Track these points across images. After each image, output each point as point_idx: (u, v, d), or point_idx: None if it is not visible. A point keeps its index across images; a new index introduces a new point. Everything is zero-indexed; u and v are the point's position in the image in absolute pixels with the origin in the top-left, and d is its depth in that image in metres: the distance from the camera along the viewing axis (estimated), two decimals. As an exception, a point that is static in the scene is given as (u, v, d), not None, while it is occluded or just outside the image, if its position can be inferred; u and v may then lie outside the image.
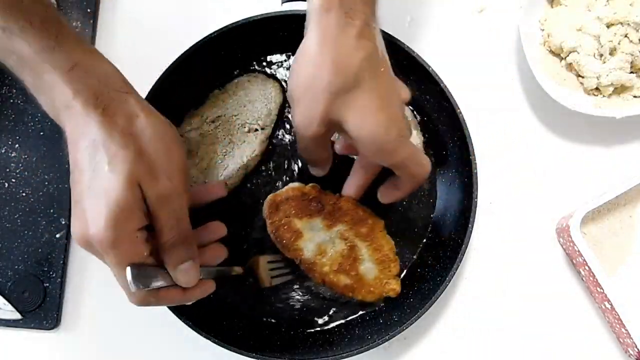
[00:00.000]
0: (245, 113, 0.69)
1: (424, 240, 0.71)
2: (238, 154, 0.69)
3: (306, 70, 0.50)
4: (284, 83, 0.72)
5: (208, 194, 0.58)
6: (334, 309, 0.69)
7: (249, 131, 0.69)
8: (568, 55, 0.72)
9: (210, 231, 0.57)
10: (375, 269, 0.66)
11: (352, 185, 0.63)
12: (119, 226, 0.42)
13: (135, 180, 0.43)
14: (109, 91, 0.44)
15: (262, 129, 0.70)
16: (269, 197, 0.67)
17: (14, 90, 0.74)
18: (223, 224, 0.59)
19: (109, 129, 0.43)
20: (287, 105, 0.72)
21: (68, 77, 0.43)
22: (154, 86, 0.66)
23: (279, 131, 0.72)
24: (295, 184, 0.67)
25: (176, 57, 0.66)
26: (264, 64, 0.73)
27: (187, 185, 0.48)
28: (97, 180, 0.43)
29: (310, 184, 0.67)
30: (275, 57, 0.73)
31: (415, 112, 0.72)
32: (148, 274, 0.47)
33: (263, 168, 0.71)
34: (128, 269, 0.45)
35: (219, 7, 0.76)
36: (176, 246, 0.47)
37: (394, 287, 0.66)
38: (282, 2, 0.69)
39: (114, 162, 0.42)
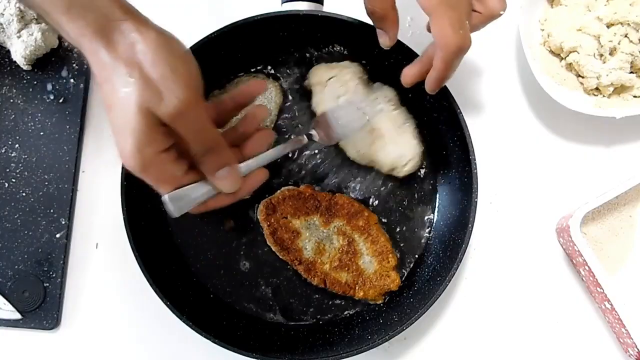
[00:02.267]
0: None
1: (424, 240, 0.71)
2: (238, 154, 0.69)
3: None
4: (285, 83, 0.72)
5: (249, 94, 0.56)
6: (333, 308, 0.69)
7: None
8: (568, 55, 0.72)
9: (250, 119, 0.56)
10: (374, 262, 0.67)
11: (411, 69, 0.61)
12: (142, 153, 0.45)
13: (144, 107, 0.44)
14: (108, 22, 0.45)
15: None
16: (264, 200, 0.68)
17: (14, 90, 0.74)
18: (264, 105, 0.58)
19: (115, 61, 0.44)
20: (286, 105, 0.72)
21: (68, 17, 0.44)
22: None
23: (279, 130, 0.72)
24: (289, 187, 0.68)
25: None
26: (264, 64, 0.73)
27: (199, 96, 0.48)
28: (118, 110, 0.45)
29: (303, 185, 0.68)
30: (275, 57, 0.73)
31: (414, 116, 0.71)
32: (187, 197, 0.48)
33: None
34: (165, 198, 0.47)
35: (219, 7, 0.76)
36: (207, 155, 0.48)
37: (393, 279, 0.67)
38: (282, 2, 0.69)
39: (124, 94, 0.44)
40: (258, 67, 0.72)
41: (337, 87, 0.69)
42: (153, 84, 0.44)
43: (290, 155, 0.71)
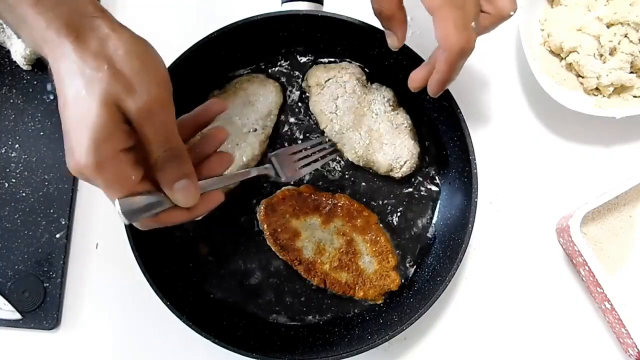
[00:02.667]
0: (245, 113, 0.69)
1: (424, 241, 0.71)
2: (238, 154, 0.69)
3: None
4: (285, 83, 0.72)
5: (209, 113, 0.54)
6: (333, 308, 0.69)
7: (249, 131, 0.69)
8: (568, 55, 0.72)
9: (209, 140, 0.53)
10: (374, 262, 0.67)
11: (418, 72, 0.60)
12: (99, 149, 0.42)
13: (110, 100, 0.42)
14: (79, 17, 0.44)
15: (263, 129, 0.70)
16: (264, 201, 0.68)
17: (14, 90, 0.74)
18: (223, 127, 0.55)
19: (82, 54, 0.42)
20: (286, 105, 0.72)
21: (37, 9, 0.43)
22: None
23: (279, 131, 0.72)
24: (289, 187, 0.68)
25: (176, 57, 0.66)
26: (264, 64, 0.73)
27: (169, 98, 0.46)
28: (77, 106, 0.42)
29: (303, 185, 0.68)
30: (275, 57, 0.73)
31: (413, 117, 0.71)
32: (140, 204, 0.45)
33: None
34: (116, 203, 0.44)
35: (219, 7, 0.76)
36: (168, 163, 0.45)
37: (393, 279, 0.67)
38: (282, 2, 0.69)
39: (89, 86, 0.42)
40: (258, 67, 0.72)
41: (335, 89, 0.69)
42: (123, 77, 0.43)
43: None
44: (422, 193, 0.71)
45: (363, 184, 0.71)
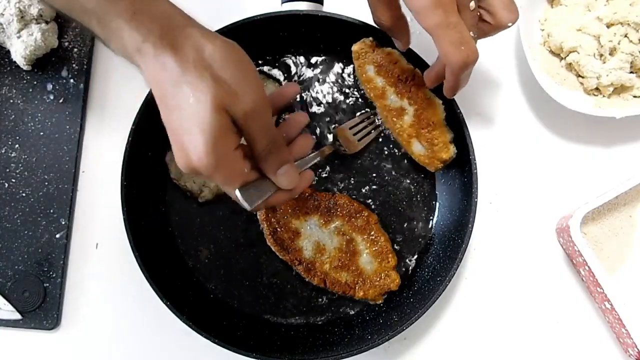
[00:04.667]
0: None
1: (424, 240, 0.71)
2: (238, 154, 0.69)
3: None
4: (283, 82, 0.72)
5: (285, 97, 0.58)
6: (333, 308, 0.69)
7: None
8: (568, 55, 0.72)
9: (293, 124, 0.57)
10: (374, 261, 0.67)
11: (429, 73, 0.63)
12: (217, 150, 0.45)
13: (219, 104, 0.45)
14: (173, 29, 0.46)
15: (262, 128, 0.70)
16: None
17: (14, 91, 0.74)
18: (304, 112, 0.60)
19: (182, 65, 0.45)
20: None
21: (133, 24, 0.45)
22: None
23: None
24: None
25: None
26: (264, 64, 0.73)
27: (266, 97, 0.49)
28: (187, 113, 0.45)
29: None
30: (275, 57, 0.73)
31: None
32: (255, 191, 0.50)
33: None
34: (238, 193, 0.49)
35: (219, 7, 0.76)
36: (271, 154, 0.50)
37: (393, 279, 0.67)
38: (282, 2, 0.69)
39: (196, 95, 0.44)
40: (258, 68, 0.73)
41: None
42: (226, 84, 0.45)
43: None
44: (422, 193, 0.71)
45: (363, 183, 0.71)
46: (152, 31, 0.45)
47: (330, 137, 0.72)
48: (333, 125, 0.72)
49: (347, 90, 0.72)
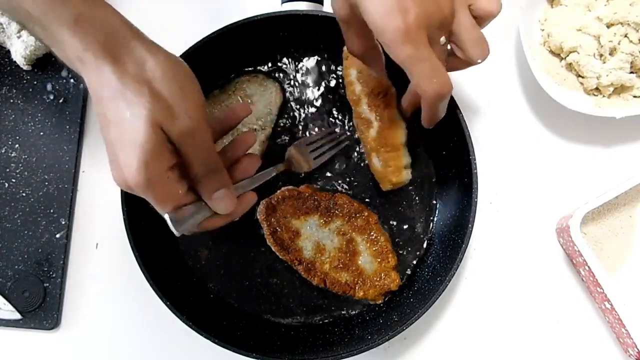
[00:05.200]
0: None
1: (424, 241, 0.71)
2: (238, 154, 0.69)
3: None
4: (285, 83, 0.72)
5: (236, 116, 0.58)
6: (333, 308, 0.69)
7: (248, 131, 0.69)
8: (568, 55, 0.72)
9: (239, 144, 0.57)
10: (374, 262, 0.67)
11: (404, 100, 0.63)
12: (149, 169, 0.44)
13: (155, 123, 0.44)
14: (116, 40, 0.45)
15: (263, 129, 0.70)
16: (264, 200, 0.68)
17: (14, 91, 0.74)
18: (251, 132, 0.60)
19: (122, 78, 0.44)
20: (286, 106, 0.72)
21: (74, 31, 0.44)
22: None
23: (278, 131, 0.72)
24: (289, 187, 0.68)
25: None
26: (264, 64, 0.73)
27: (206, 117, 0.49)
28: (122, 128, 0.44)
29: (303, 185, 0.68)
30: (275, 57, 0.73)
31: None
32: (187, 215, 0.49)
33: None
34: (166, 217, 0.48)
35: (219, 7, 0.76)
36: (207, 177, 0.49)
37: (393, 279, 0.67)
38: (282, 2, 0.69)
39: (133, 110, 0.44)
40: (258, 67, 0.73)
41: None
42: (164, 101, 0.45)
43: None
44: (422, 193, 0.71)
45: (363, 183, 0.71)
46: (94, 41, 0.44)
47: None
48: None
49: (341, 92, 0.72)
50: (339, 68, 0.73)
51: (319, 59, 0.73)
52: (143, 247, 0.64)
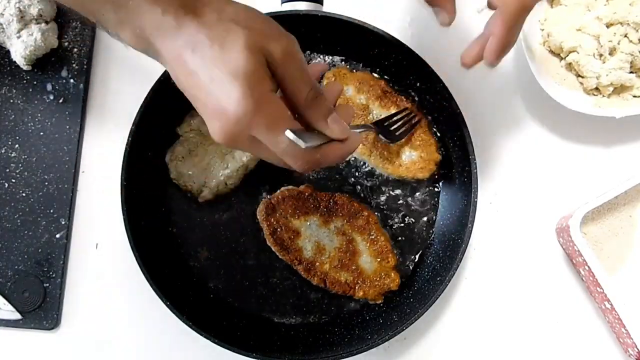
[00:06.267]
0: None
1: (424, 240, 0.70)
2: (238, 154, 0.69)
3: None
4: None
5: (314, 72, 0.55)
6: (333, 308, 0.69)
7: None
8: (568, 55, 0.72)
9: (330, 93, 0.53)
10: (374, 261, 0.67)
11: (474, 46, 0.56)
12: (255, 91, 0.42)
13: (253, 45, 0.43)
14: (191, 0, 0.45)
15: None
16: (264, 200, 0.68)
17: (14, 91, 0.74)
18: (336, 82, 0.58)
19: (207, 26, 0.43)
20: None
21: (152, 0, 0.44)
22: (153, 87, 0.66)
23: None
24: (289, 187, 0.68)
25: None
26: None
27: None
28: (218, 67, 0.43)
29: (303, 185, 0.68)
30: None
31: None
32: (304, 134, 0.45)
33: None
34: (288, 131, 0.44)
35: (219, 7, 0.76)
36: (316, 101, 0.47)
37: (393, 279, 0.67)
38: (282, 2, 0.69)
39: (226, 45, 0.42)
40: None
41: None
42: (257, 29, 0.44)
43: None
44: (422, 193, 0.71)
45: (363, 183, 0.71)
46: (171, 2, 0.43)
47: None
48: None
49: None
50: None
51: (319, 59, 0.73)
52: (143, 247, 0.64)
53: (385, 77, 0.72)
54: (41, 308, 0.70)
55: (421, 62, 0.67)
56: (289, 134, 0.44)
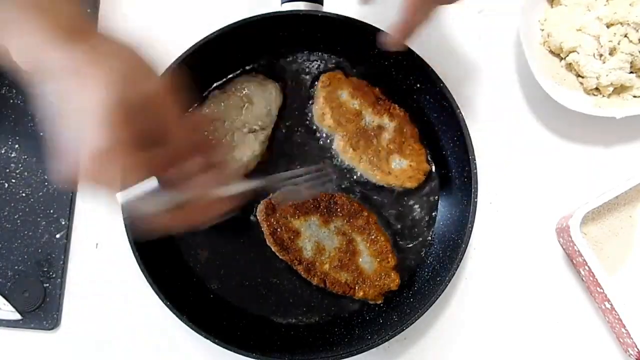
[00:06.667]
0: (245, 113, 0.69)
1: (424, 241, 0.70)
2: (238, 154, 0.69)
3: None
4: (283, 83, 0.72)
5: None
6: (333, 308, 0.69)
7: (249, 132, 0.69)
8: (568, 55, 0.72)
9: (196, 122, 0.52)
10: (374, 261, 0.67)
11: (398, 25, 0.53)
12: (114, 134, 0.41)
13: (118, 91, 0.41)
14: (72, 24, 0.43)
15: (262, 129, 0.70)
16: (264, 201, 0.68)
17: (14, 90, 0.74)
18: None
19: (78, 54, 0.42)
20: (286, 105, 0.72)
21: (30, 15, 0.42)
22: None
23: (278, 131, 0.71)
24: (289, 187, 0.68)
25: (176, 57, 0.66)
26: (264, 64, 0.73)
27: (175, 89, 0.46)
28: (81, 102, 0.41)
29: None
30: (275, 57, 0.73)
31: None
32: (139, 192, 0.43)
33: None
34: (119, 194, 0.42)
35: (219, 7, 0.76)
36: (191, 152, 0.46)
37: (393, 279, 0.67)
38: (282, 2, 0.69)
39: (93, 82, 0.41)
40: (258, 67, 0.72)
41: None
42: (125, 70, 0.42)
43: (289, 155, 0.71)
44: (422, 193, 0.71)
45: (363, 183, 0.71)
46: (52, 24, 0.42)
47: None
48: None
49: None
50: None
51: (319, 59, 0.73)
52: (143, 247, 0.64)
53: (382, 84, 0.72)
54: (41, 308, 0.70)
55: (421, 62, 0.67)
56: (119, 197, 0.42)
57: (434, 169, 0.71)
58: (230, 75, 0.72)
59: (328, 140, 0.71)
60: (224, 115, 0.69)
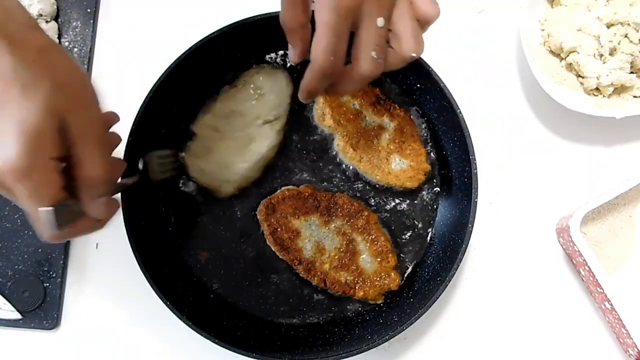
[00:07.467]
0: (258, 106, 0.69)
1: (424, 240, 0.70)
2: (256, 147, 0.69)
3: None
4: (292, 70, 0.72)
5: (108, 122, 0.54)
6: (333, 308, 0.69)
7: (264, 123, 0.69)
8: (568, 55, 0.72)
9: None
10: (374, 261, 0.67)
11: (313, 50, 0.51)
12: (34, 152, 0.41)
13: (54, 108, 0.41)
14: (13, 24, 0.43)
15: (277, 119, 0.70)
16: (264, 200, 0.68)
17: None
18: (116, 134, 0.55)
19: (19, 59, 0.41)
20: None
21: None
22: (153, 87, 0.66)
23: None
24: (289, 187, 0.68)
25: (176, 57, 0.66)
26: (271, 54, 0.72)
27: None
28: (10, 109, 0.41)
29: (303, 185, 0.68)
30: (281, 48, 0.72)
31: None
32: (62, 211, 0.44)
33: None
34: (42, 209, 0.43)
35: (219, 7, 0.76)
36: (98, 180, 0.46)
37: (393, 279, 0.67)
38: (282, 2, 0.69)
39: (28, 91, 0.41)
40: (265, 58, 0.72)
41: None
42: (67, 90, 0.43)
43: (290, 154, 0.71)
44: (422, 193, 0.71)
45: (363, 183, 0.71)
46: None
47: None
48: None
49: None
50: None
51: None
52: (143, 247, 0.64)
53: (382, 84, 0.72)
54: (41, 308, 0.70)
55: (421, 62, 0.67)
56: (42, 213, 0.43)
57: (434, 169, 0.71)
58: (238, 70, 0.71)
59: (328, 140, 0.71)
60: (237, 109, 0.69)
